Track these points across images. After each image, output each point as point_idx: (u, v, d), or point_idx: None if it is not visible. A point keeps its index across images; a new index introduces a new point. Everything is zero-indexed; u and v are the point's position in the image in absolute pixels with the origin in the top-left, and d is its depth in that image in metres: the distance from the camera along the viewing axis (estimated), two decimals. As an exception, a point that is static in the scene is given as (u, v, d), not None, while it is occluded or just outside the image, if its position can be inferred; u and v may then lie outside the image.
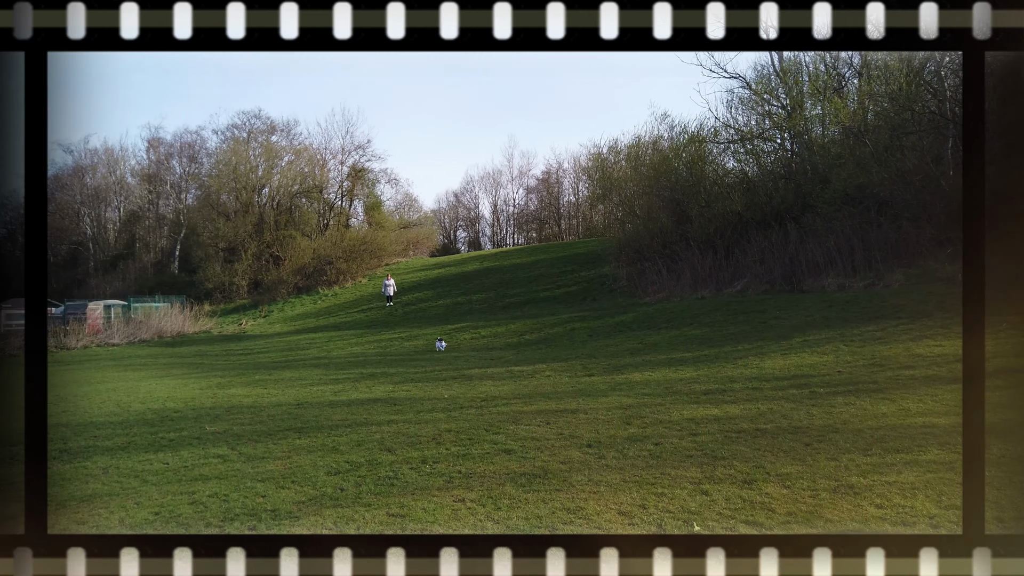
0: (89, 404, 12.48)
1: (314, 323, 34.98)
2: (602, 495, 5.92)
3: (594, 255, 34.91)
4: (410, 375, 14.88)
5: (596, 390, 11.27)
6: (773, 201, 24.51)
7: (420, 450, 7.79)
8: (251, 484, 6.71)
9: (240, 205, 44.60)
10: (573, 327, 21.53)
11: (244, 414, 10.72)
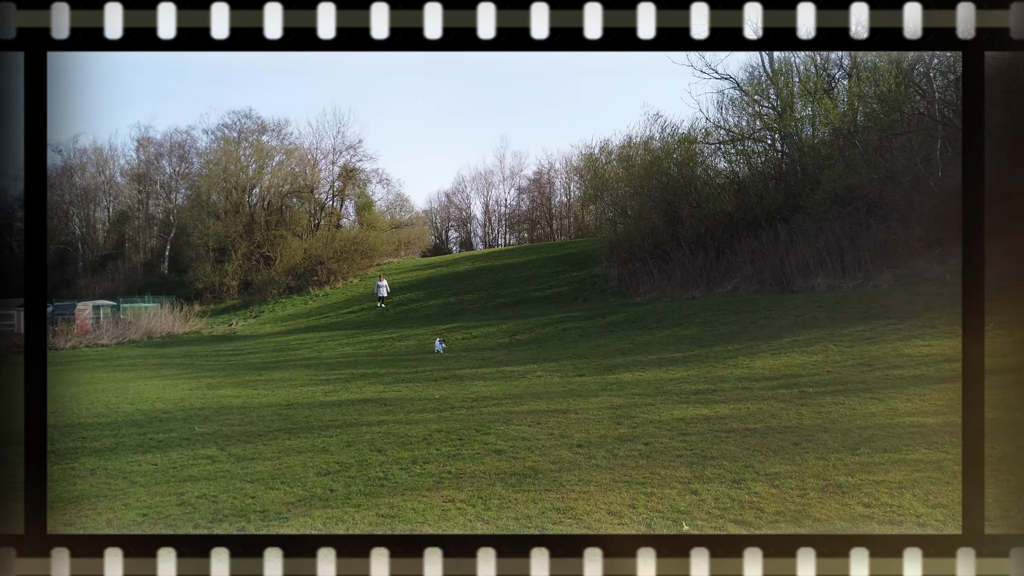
0: (77, 405, 12.40)
1: (305, 323, 34.88)
2: (592, 495, 5.93)
3: (586, 255, 34.95)
4: (401, 376, 14.85)
5: (587, 390, 11.29)
6: (763, 202, 24.61)
7: (410, 450, 7.78)
8: (240, 485, 6.68)
9: (230, 205, 44.44)
10: (564, 327, 21.55)
11: (234, 415, 10.67)
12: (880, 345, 12.34)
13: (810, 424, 7.90)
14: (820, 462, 6.50)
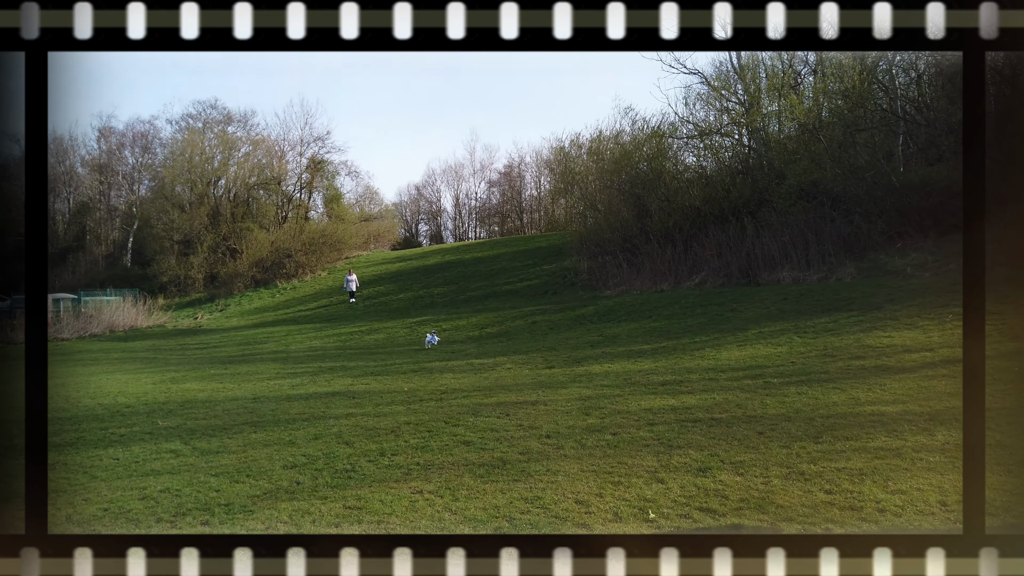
0: (36, 400, 12.10)
1: (272, 317, 34.46)
2: (560, 484, 5.96)
3: (555, 249, 35.03)
4: (370, 368, 14.76)
5: (556, 382, 11.33)
6: (730, 196, 24.88)
7: (378, 443, 7.74)
8: (204, 479, 6.59)
9: (195, 197, 43.67)
10: (534, 320, 21.59)
11: (198, 409, 10.51)
12: (843, 336, 12.57)
13: (774, 413, 8.03)
14: (783, 450, 6.60)
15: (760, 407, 8.40)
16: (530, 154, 69.56)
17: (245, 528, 5.19)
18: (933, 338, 11.59)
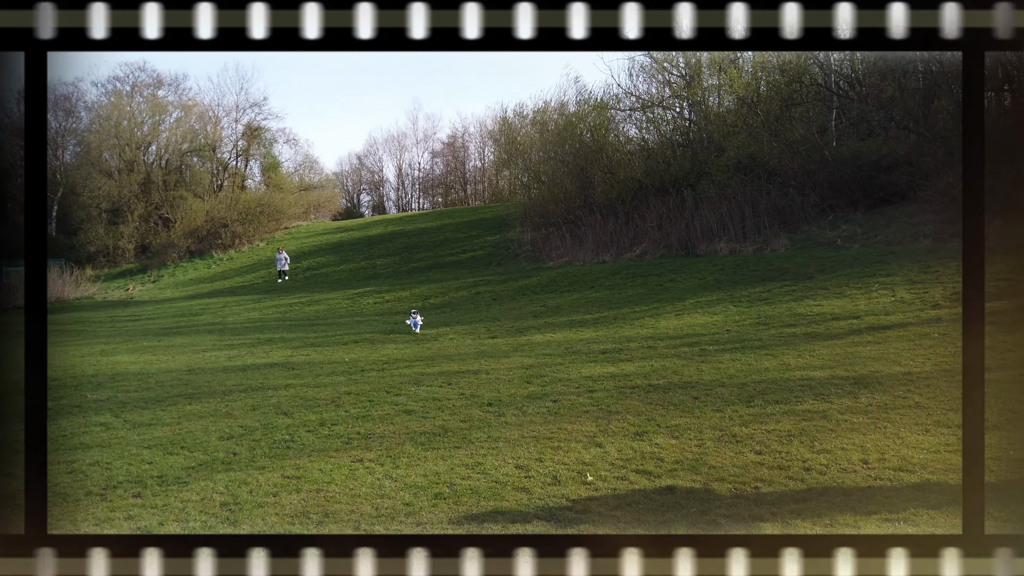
0: (-47, 374, 11.53)
1: (208, 288, 33.54)
2: (500, 450, 6.02)
3: (499, 220, 34.98)
4: (310, 340, 14.55)
5: (498, 351, 11.39)
6: (671, 168, 25.22)
7: (318, 413, 7.67)
8: (136, 451, 6.42)
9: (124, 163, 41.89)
10: (478, 291, 21.59)
11: (130, 381, 10.20)
12: (776, 305, 12.98)
13: (709, 379, 8.26)
14: (717, 414, 6.81)
15: (696, 373, 8.63)
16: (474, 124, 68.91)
17: (179, 500, 5.09)
18: (860, 306, 12.07)
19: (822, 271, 15.26)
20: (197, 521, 4.66)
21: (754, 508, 4.59)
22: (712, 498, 4.79)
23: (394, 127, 74.21)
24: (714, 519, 4.42)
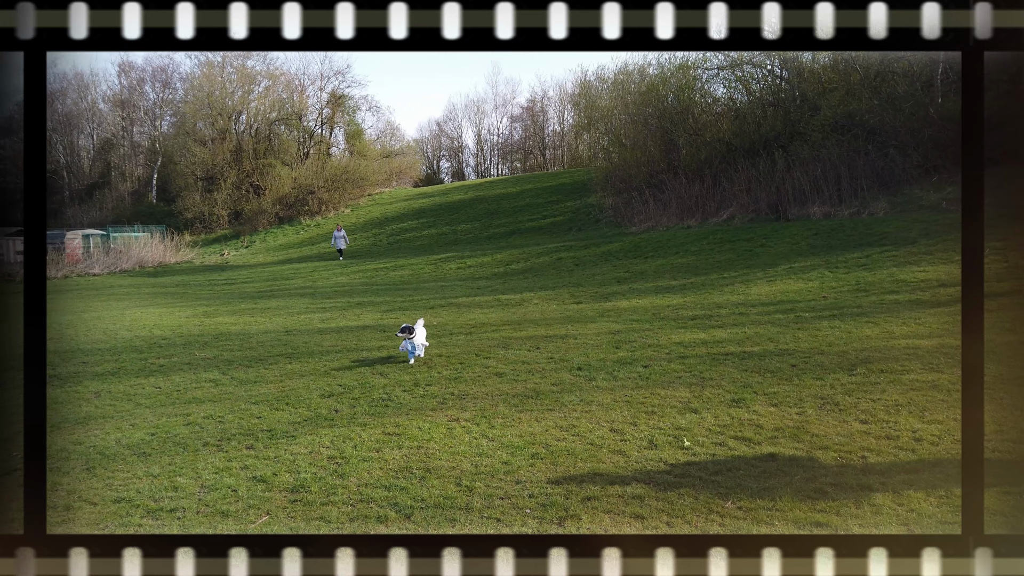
0: (75, 332, 12.41)
1: (297, 253, 34.72)
2: (593, 414, 6.03)
3: (579, 185, 34.68)
4: (398, 304, 14.89)
5: (584, 317, 11.36)
6: (762, 129, 24.30)
7: (412, 374, 7.86)
8: (245, 406, 6.75)
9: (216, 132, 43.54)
10: (559, 257, 21.54)
11: (233, 341, 10.71)
12: (876, 271, 12.41)
13: (807, 347, 8.00)
14: (817, 382, 6.60)
15: (792, 341, 8.38)
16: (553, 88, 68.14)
17: (289, 452, 5.33)
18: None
19: (926, 235, 14.47)
20: (308, 473, 4.88)
21: (862, 477, 4.44)
22: (816, 466, 4.66)
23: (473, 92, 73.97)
24: (820, 487, 4.31)
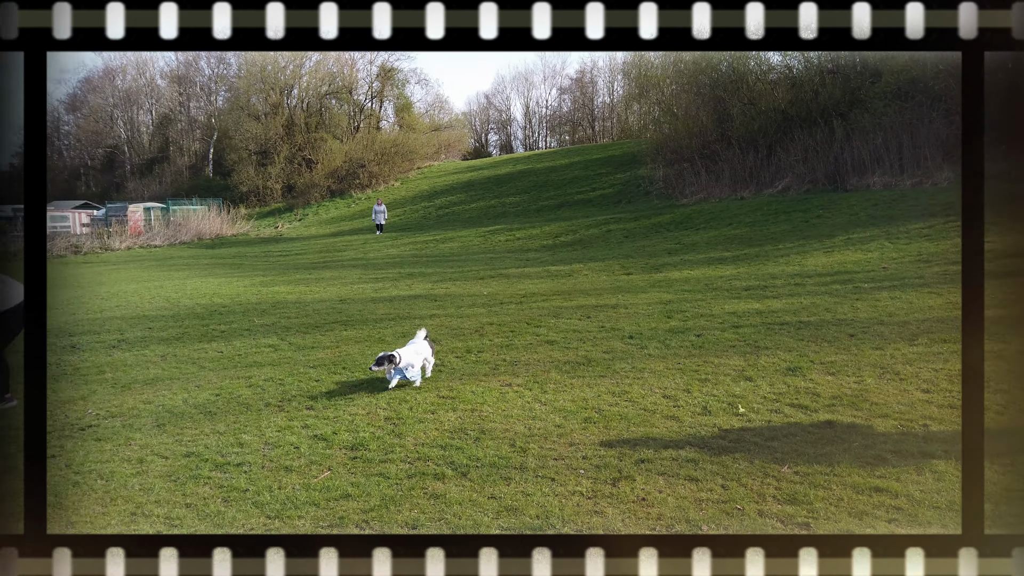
0: (140, 300, 12.89)
1: (349, 226, 35.24)
2: (646, 380, 6.03)
3: (629, 157, 34.25)
4: (447, 274, 15.04)
5: (635, 287, 11.30)
6: (819, 97, 23.55)
7: (464, 341, 7.96)
8: (304, 370, 6.95)
9: (269, 107, 44.25)
10: (609, 229, 21.40)
11: (290, 309, 10.99)
12: (939, 242, 12.01)
13: (866, 317, 7.83)
14: (876, 352, 6.47)
15: (850, 311, 8.20)
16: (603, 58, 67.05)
17: (348, 413, 5.48)
18: None
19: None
20: (366, 432, 5.01)
21: (923, 445, 4.36)
22: (875, 434, 4.59)
23: (521, 64, 73.46)
24: (880, 454, 4.24)
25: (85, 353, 8.21)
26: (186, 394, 6.25)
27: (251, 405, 5.82)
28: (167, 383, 6.70)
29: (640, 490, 3.91)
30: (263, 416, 5.51)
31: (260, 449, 4.78)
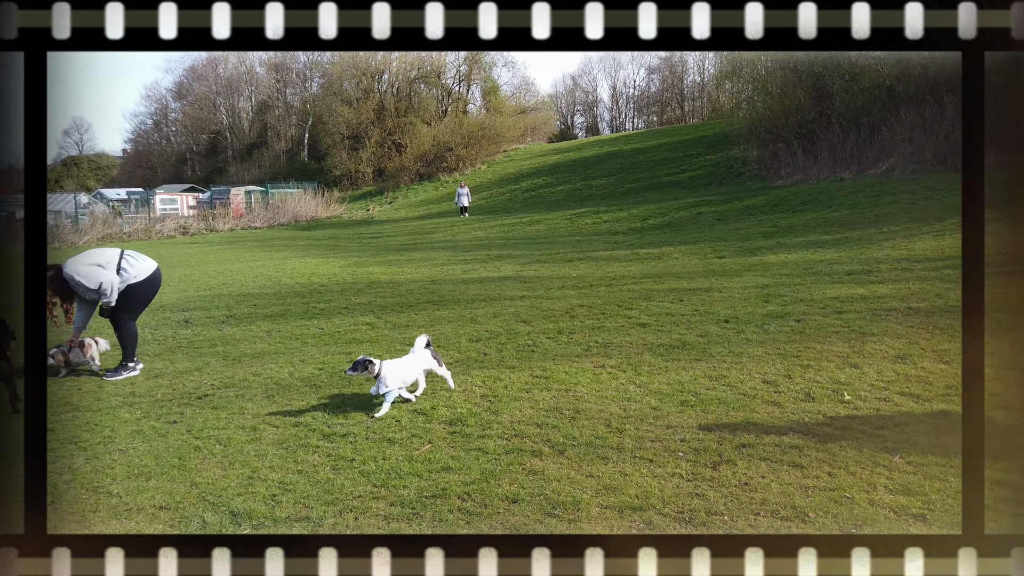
0: (244, 278, 13.55)
1: (436, 209, 35.83)
2: (744, 365, 5.90)
3: (720, 137, 33.31)
4: (536, 256, 15.09)
5: (729, 271, 11.02)
6: (929, 72, 22.16)
7: (555, 322, 7.98)
8: (401, 348, 7.14)
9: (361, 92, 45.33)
10: (699, 211, 20.92)
11: (384, 288, 11.30)
12: (1064, 226, 11.15)
13: (982, 305, 7.37)
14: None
15: (964, 298, 7.74)
16: (693, 36, 65.33)
17: (444, 389, 5.61)
18: None
19: None
20: (464, 408, 5.12)
21: (1051, 441, 4.10)
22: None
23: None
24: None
25: (197, 327, 8.70)
26: (291, 368, 6.54)
27: (353, 380, 6.04)
28: (273, 357, 7.03)
29: (742, 475, 3.85)
30: (364, 390, 5.71)
31: (363, 421, 4.96)
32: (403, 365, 5.16)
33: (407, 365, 5.18)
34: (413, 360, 5.24)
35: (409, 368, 5.18)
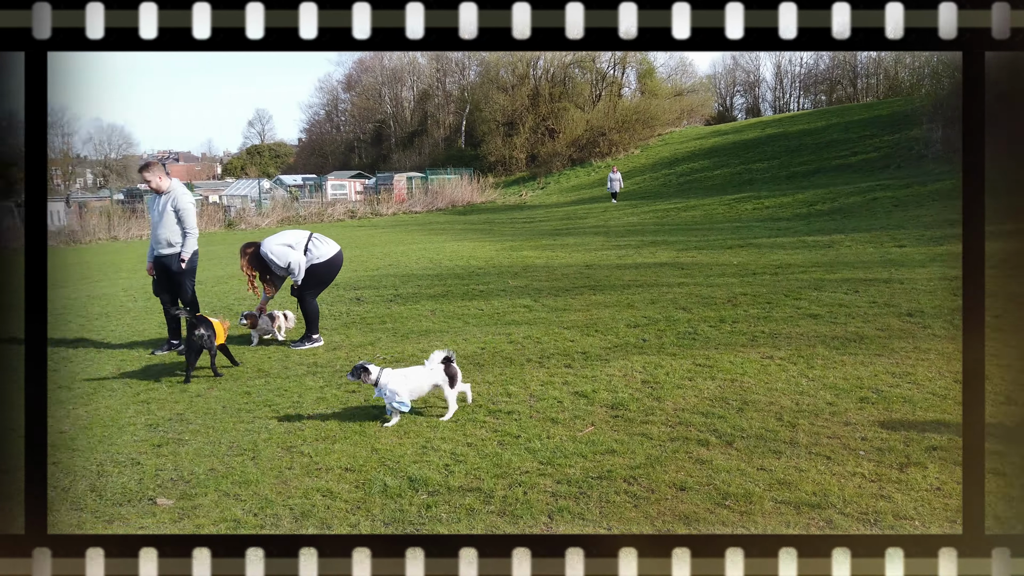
0: (408, 260, 14.24)
1: (588, 194, 35.76)
2: (932, 362, 5.43)
3: (898, 117, 30.68)
4: (692, 243, 14.68)
5: (911, 261, 10.16)
6: None
7: (716, 310, 7.74)
8: (558, 331, 7.22)
9: (516, 78, 45.96)
10: (874, 196, 19.42)
11: (539, 272, 11.46)
12: None
13: None
14: None
15: None
16: (870, 8, 60.53)
17: (604, 374, 5.61)
18: None
19: None
20: (625, 393, 5.10)
21: None
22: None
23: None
24: None
25: (368, 305, 9.26)
26: (455, 346, 6.80)
27: (514, 360, 6.19)
28: (438, 335, 7.35)
29: (934, 479, 3.56)
30: (525, 370, 5.83)
31: (526, 400, 5.07)
32: (408, 376, 4.82)
33: (413, 377, 4.83)
34: (421, 373, 4.85)
35: (415, 380, 4.82)
